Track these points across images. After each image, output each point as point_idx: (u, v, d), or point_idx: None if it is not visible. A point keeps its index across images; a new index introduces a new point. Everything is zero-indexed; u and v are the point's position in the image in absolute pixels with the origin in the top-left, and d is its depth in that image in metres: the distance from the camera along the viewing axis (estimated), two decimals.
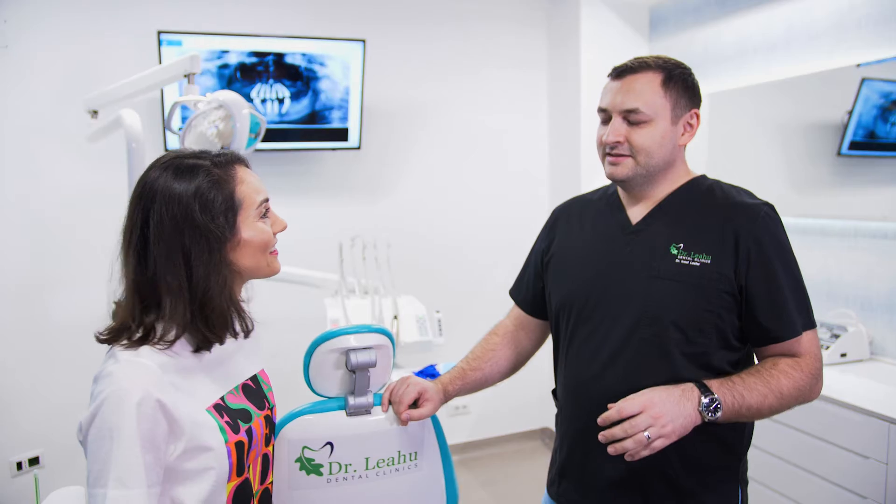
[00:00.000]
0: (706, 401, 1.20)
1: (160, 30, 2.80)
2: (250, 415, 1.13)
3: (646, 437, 1.14)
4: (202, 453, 1.02)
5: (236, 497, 1.08)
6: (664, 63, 1.34)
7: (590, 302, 1.38)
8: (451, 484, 1.64)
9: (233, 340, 1.15)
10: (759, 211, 1.30)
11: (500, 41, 3.63)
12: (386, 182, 3.46)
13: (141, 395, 0.95)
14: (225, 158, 1.09)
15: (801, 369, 1.25)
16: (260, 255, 1.11)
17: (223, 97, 1.97)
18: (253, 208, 1.09)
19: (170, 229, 1.01)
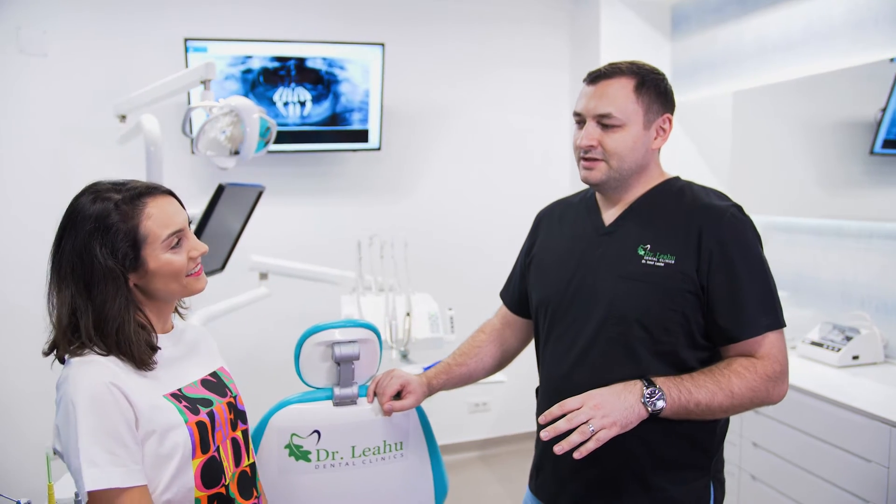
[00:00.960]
0: (647, 392, 1.23)
1: (187, 37, 2.94)
2: (211, 401, 1.23)
3: (589, 429, 1.18)
4: (169, 434, 1.12)
5: (204, 474, 1.16)
6: (637, 69, 1.38)
7: (563, 302, 1.43)
8: (439, 475, 1.70)
9: (183, 347, 1.27)
10: (725, 212, 1.32)
11: (521, 42, 3.67)
12: (406, 182, 3.54)
13: (96, 383, 1.07)
14: (137, 192, 1.16)
15: (755, 371, 1.27)
16: (171, 282, 1.18)
17: (235, 103, 2.07)
18: (158, 242, 1.16)
19: (75, 257, 1.12)
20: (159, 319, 1.23)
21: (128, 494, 1.07)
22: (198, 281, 1.24)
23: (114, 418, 1.07)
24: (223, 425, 1.23)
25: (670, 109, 1.39)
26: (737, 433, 2.55)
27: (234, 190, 2.06)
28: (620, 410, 1.21)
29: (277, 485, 1.53)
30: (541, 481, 1.50)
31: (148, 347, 1.16)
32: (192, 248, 1.21)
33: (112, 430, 1.07)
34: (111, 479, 1.05)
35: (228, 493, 1.22)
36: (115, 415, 1.07)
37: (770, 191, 3.00)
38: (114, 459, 1.06)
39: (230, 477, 1.23)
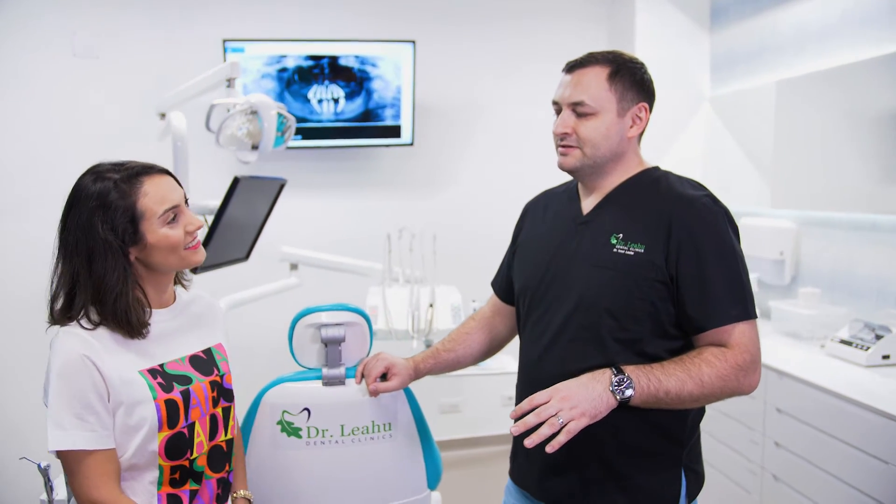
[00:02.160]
0: (616, 380, 1.24)
1: (225, 38, 3.09)
2: (190, 379, 1.31)
3: (558, 422, 1.19)
4: (136, 407, 1.22)
5: (168, 447, 1.25)
6: (613, 58, 1.39)
7: (540, 289, 1.46)
8: (431, 458, 1.76)
9: (183, 320, 1.36)
10: (696, 201, 1.33)
11: (556, 38, 3.67)
12: (439, 177, 3.60)
13: (71, 354, 1.18)
14: (134, 171, 1.26)
15: (725, 360, 1.26)
16: (169, 255, 1.27)
17: (254, 99, 2.18)
18: (155, 217, 1.25)
19: (78, 233, 1.22)
20: (158, 292, 1.32)
21: (93, 456, 1.18)
22: (195, 253, 1.33)
23: (84, 387, 1.17)
24: (200, 403, 1.31)
25: (646, 99, 1.40)
26: (759, 432, 2.49)
27: (253, 182, 2.17)
28: (589, 401, 1.22)
29: (270, 459, 1.62)
30: (516, 466, 1.53)
31: (141, 318, 1.25)
32: (188, 222, 1.30)
33: (81, 397, 1.17)
34: (76, 441, 1.16)
35: (193, 466, 1.30)
36: (86, 384, 1.18)
37: (811, 185, 2.90)
38: (81, 424, 1.17)
39: (203, 451, 1.32)
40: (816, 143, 2.85)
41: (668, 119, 3.46)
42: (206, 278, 2.68)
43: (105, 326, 1.23)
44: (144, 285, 1.29)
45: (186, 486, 1.29)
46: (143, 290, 1.28)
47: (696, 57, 3.49)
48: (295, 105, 3.24)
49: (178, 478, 1.28)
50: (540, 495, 1.44)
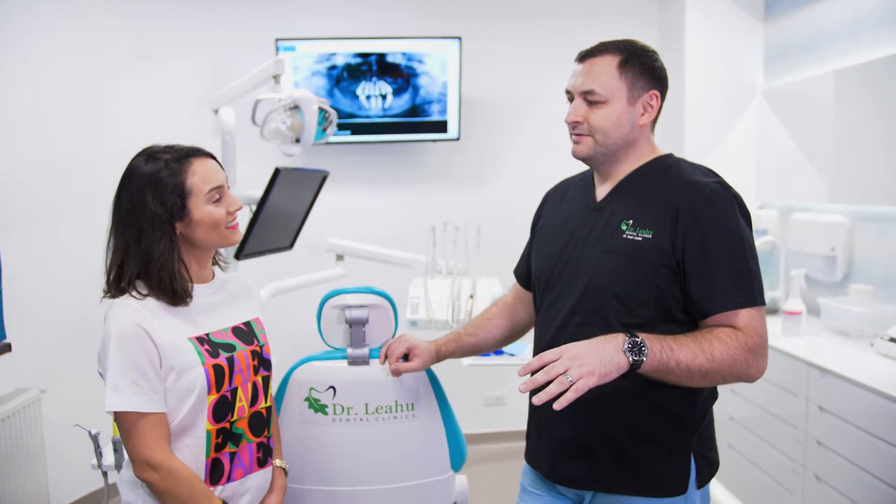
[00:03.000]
0: (630, 342, 1.23)
1: (277, 37, 3.23)
2: (234, 346, 1.41)
3: (567, 380, 1.17)
4: (186, 372, 1.32)
5: (216, 409, 1.36)
6: (624, 46, 1.41)
7: (553, 274, 1.48)
8: (454, 440, 1.81)
9: (223, 295, 1.46)
10: (705, 188, 1.33)
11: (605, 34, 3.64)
12: (485, 172, 3.64)
13: (126, 323, 1.29)
14: (184, 153, 1.37)
15: (736, 339, 1.26)
16: (212, 231, 1.38)
17: (296, 94, 2.28)
18: (202, 194, 1.36)
19: (130, 207, 1.33)
20: (199, 268, 1.43)
21: (147, 419, 1.29)
22: (234, 233, 1.44)
23: (138, 354, 1.28)
24: (243, 369, 1.41)
25: (657, 86, 1.41)
26: (802, 430, 2.43)
27: (295, 173, 2.27)
28: (598, 361, 1.20)
29: (299, 433, 1.71)
30: (529, 447, 1.56)
31: (185, 287, 1.36)
32: (230, 203, 1.41)
33: (136, 364, 1.28)
34: (131, 403, 1.27)
35: (233, 428, 1.39)
36: (140, 352, 1.28)
37: (870, 178, 2.79)
38: (135, 388, 1.27)
39: (244, 415, 1.41)
40: (877, 135, 2.74)
41: (719, 112, 3.40)
42: (255, 265, 2.82)
43: (152, 297, 1.34)
44: (187, 260, 1.40)
45: (226, 449, 1.39)
46: (185, 265, 1.39)
47: (749, 49, 3.40)
48: (344, 101, 3.34)
49: (220, 441, 1.38)
50: (551, 476, 1.47)
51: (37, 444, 2.50)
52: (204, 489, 1.32)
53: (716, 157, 3.41)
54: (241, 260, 2.25)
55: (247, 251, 2.21)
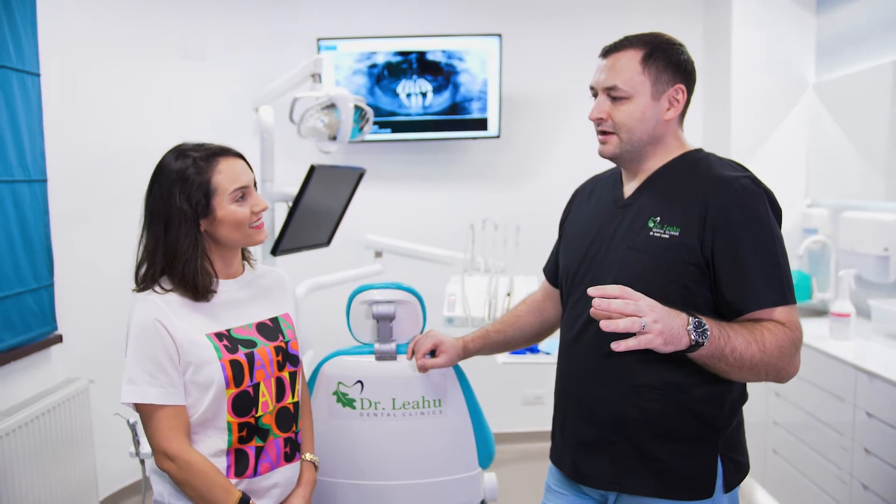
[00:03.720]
0: (694, 321, 1.20)
1: (319, 37, 3.28)
2: (255, 343, 1.43)
3: (641, 323, 1.14)
4: (205, 367, 1.35)
5: (235, 403, 1.38)
6: (648, 40, 1.38)
7: (580, 271, 1.47)
8: (482, 437, 1.80)
9: (251, 291, 1.48)
10: (734, 183, 1.29)
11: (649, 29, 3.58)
12: (526, 170, 3.62)
13: (144, 318, 1.33)
14: (212, 151, 1.40)
15: (783, 331, 1.24)
16: (235, 230, 1.40)
17: (333, 93, 2.31)
18: (226, 194, 1.38)
19: (158, 203, 1.37)
20: (225, 265, 1.46)
21: (163, 410, 1.32)
22: (258, 233, 1.45)
23: (155, 348, 1.32)
24: (266, 365, 1.43)
25: (683, 80, 1.38)
26: (849, 437, 2.35)
27: (331, 171, 2.30)
28: (670, 329, 1.17)
29: (328, 427, 1.73)
30: (554, 446, 1.55)
31: (207, 284, 1.39)
32: (254, 203, 1.43)
33: (153, 357, 1.32)
34: (147, 395, 1.31)
35: (258, 423, 1.42)
36: (157, 346, 1.32)
37: None
38: (153, 381, 1.31)
39: (269, 410, 1.43)
40: None
41: (767, 108, 3.30)
42: (295, 261, 2.87)
43: (176, 292, 1.38)
44: (212, 257, 1.43)
45: (252, 443, 1.41)
46: (210, 262, 1.42)
47: (800, 42, 3.29)
48: (384, 99, 3.37)
49: (244, 435, 1.40)
50: (574, 476, 1.45)
51: (85, 432, 2.59)
52: (222, 481, 1.35)
53: (763, 154, 3.31)
54: (277, 255, 2.29)
55: (283, 247, 2.25)
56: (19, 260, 2.39)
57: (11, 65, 2.37)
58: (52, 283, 2.58)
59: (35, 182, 2.49)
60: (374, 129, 3.42)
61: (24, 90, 2.44)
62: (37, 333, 2.49)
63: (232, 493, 1.35)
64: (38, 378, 2.51)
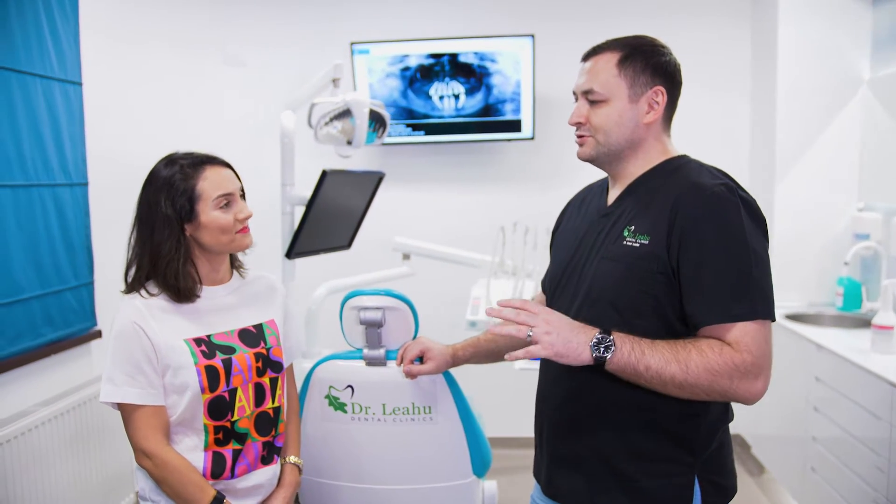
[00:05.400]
0: (598, 337, 1.19)
1: (352, 41, 3.32)
2: (234, 349, 1.46)
3: (527, 332, 1.19)
4: (180, 371, 1.39)
5: (211, 407, 1.42)
6: (627, 42, 1.34)
7: (561, 281, 1.44)
8: (476, 446, 1.79)
9: (238, 297, 1.52)
10: (706, 190, 1.23)
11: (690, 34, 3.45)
12: (561, 172, 3.56)
13: (125, 322, 1.38)
14: (199, 160, 1.45)
15: (720, 353, 1.17)
16: (220, 236, 1.44)
17: (349, 98, 2.34)
18: (210, 200, 1.42)
19: (146, 207, 1.42)
20: (212, 270, 1.49)
21: (142, 410, 1.38)
22: (244, 238, 1.49)
23: (133, 350, 1.37)
24: (244, 371, 1.46)
25: (664, 82, 1.33)
26: (885, 458, 2.20)
27: (346, 175, 2.33)
28: (564, 341, 1.19)
29: (320, 429, 1.76)
30: (535, 461, 1.52)
31: (189, 286, 1.43)
32: (239, 210, 1.47)
33: (132, 359, 1.37)
34: (125, 395, 1.36)
35: (235, 427, 1.45)
36: (136, 348, 1.37)
37: None
38: (131, 381, 1.37)
39: (247, 414, 1.47)
40: None
41: (815, 107, 3.14)
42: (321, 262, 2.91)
43: (162, 296, 1.43)
44: (199, 262, 1.47)
45: (230, 446, 1.45)
46: (195, 267, 1.46)
47: (854, 37, 3.10)
48: (417, 102, 3.39)
49: (221, 438, 1.44)
50: (548, 490, 1.42)
51: (121, 425, 2.71)
52: (196, 479, 1.39)
53: (812, 155, 3.15)
54: (292, 259, 2.34)
55: (298, 250, 2.30)
56: (60, 259, 2.54)
57: (54, 75, 2.51)
58: (91, 282, 2.72)
59: (76, 185, 2.64)
60: (407, 131, 3.44)
61: (66, 99, 2.58)
62: (76, 329, 2.63)
63: (206, 492, 1.39)
64: (77, 371, 2.65)
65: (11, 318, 2.31)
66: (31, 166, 2.39)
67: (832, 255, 3.13)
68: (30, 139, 2.39)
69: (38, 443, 2.29)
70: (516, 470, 3.19)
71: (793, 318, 2.97)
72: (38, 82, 2.43)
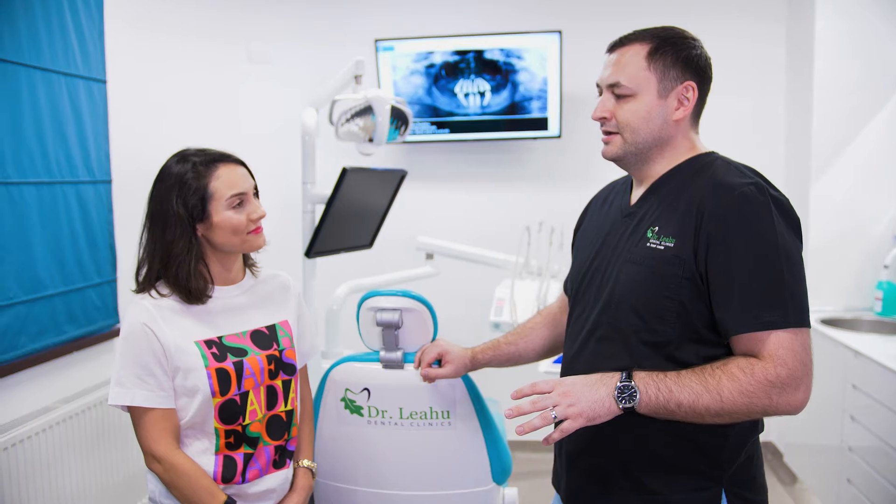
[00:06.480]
0: (620, 386, 1.14)
1: (376, 38, 3.28)
2: (245, 351, 1.42)
3: (552, 416, 1.14)
4: (191, 374, 1.36)
5: (222, 411, 1.39)
6: (657, 33, 1.28)
7: (583, 284, 1.38)
8: (495, 452, 1.74)
9: (251, 297, 1.48)
10: (734, 189, 1.17)
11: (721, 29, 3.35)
12: (588, 171, 3.48)
13: (134, 322, 1.35)
14: (212, 157, 1.41)
15: (752, 374, 1.10)
16: (232, 236, 1.40)
17: (370, 95, 2.31)
18: (223, 199, 1.38)
19: (158, 206, 1.39)
20: (224, 269, 1.46)
21: (151, 413, 1.35)
22: (257, 238, 1.46)
23: (143, 352, 1.34)
24: (255, 374, 1.43)
25: (694, 77, 1.26)
26: None
27: (367, 173, 2.29)
28: (589, 402, 1.15)
29: (335, 433, 1.73)
30: (554, 468, 1.47)
31: (200, 287, 1.40)
32: (252, 210, 1.43)
33: (141, 361, 1.34)
34: (134, 398, 1.33)
35: (246, 431, 1.42)
36: (145, 350, 1.34)
37: None
38: (141, 384, 1.34)
39: (258, 418, 1.43)
40: None
41: (853, 106, 3.02)
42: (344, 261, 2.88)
43: (172, 297, 1.40)
44: (210, 262, 1.44)
45: (241, 450, 1.42)
46: (207, 267, 1.43)
47: (891, 34, 2.98)
48: (442, 99, 3.34)
49: (232, 441, 1.41)
50: (569, 501, 1.37)
51: None
52: (207, 484, 1.36)
53: (849, 154, 3.04)
54: (312, 258, 2.31)
55: (318, 249, 2.27)
56: (83, 256, 2.54)
57: (78, 73, 2.52)
58: (114, 279, 2.72)
59: (100, 183, 2.64)
60: (432, 129, 3.40)
61: (90, 96, 2.58)
62: (99, 326, 2.64)
63: (217, 496, 1.36)
64: (99, 368, 2.65)
65: (35, 314, 2.31)
66: (54, 163, 2.40)
67: (870, 258, 3.02)
68: (54, 137, 2.40)
69: (59, 440, 2.29)
70: (537, 474, 3.14)
71: (828, 322, 2.86)
72: (62, 80, 2.43)
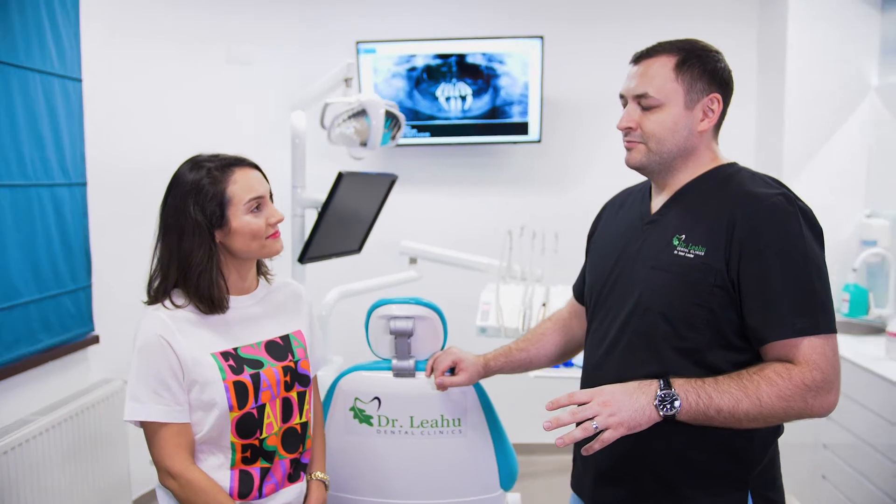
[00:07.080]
0: (661, 394, 1.16)
1: (358, 40, 3.25)
2: (262, 363, 1.39)
3: (593, 426, 1.14)
4: (208, 387, 1.32)
5: (239, 425, 1.35)
6: (682, 46, 1.30)
7: (604, 291, 1.40)
8: (504, 458, 1.74)
9: (265, 307, 1.45)
10: (765, 200, 1.20)
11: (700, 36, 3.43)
12: (568, 176, 3.52)
13: (149, 334, 1.31)
14: (227, 162, 1.37)
15: (789, 378, 1.14)
16: (250, 241, 1.37)
17: (364, 98, 2.28)
18: (241, 204, 1.35)
19: (173, 214, 1.35)
20: (240, 278, 1.42)
21: (167, 428, 1.30)
22: (275, 243, 1.42)
23: (159, 366, 1.29)
24: (272, 386, 1.39)
25: (719, 89, 1.29)
26: None
27: (360, 178, 2.27)
28: (630, 411, 1.16)
29: (345, 443, 1.70)
30: (575, 473, 1.48)
31: (221, 296, 1.36)
32: (270, 214, 1.40)
33: (157, 374, 1.29)
34: (150, 413, 1.29)
35: (263, 445, 1.38)
36: (161, 363, 1.30)
37: None
38: (157, 398, 1.29)
39: (274, 431, 1.40)
40: None
41: (824, 112, 3.13)
42: (328, 267, 2.85)
43: (189, 307, 1.35)
44: (227, 270, 1.40)
45: (257, 464, 1.38)
46: (223, 276, 1.39)
47: (862, 42, 3.09)
48: (423, 103, 3.33)
49: (248, 456, 1.37)
50: None
51: (119, 432, 2.63)
52: (223, 500, 1.32)
53: (819, 160, 3.14)
54: (305, 263, 2.27)
55: (311, 255, 2.23)
56: (57, 262, 2.44)
57: (53, 70, 2.42)
58: (89, 285, 2.63)
59: (75, 185, 2.54)
60: (412, 133, 3.38)
61: (65, 95, 2.49)
62: (74, 334, 2.54)
63: None
64: (74, 378, 2.56)
65: (9, 323, 2.21)
66: (29, 165, 2.30)
67: (838, 262, 3.13)
68: (28, 137, 2.30)
69: (36, 453, 2.19)
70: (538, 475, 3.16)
71: None
72: (37, 78, 2.33)
